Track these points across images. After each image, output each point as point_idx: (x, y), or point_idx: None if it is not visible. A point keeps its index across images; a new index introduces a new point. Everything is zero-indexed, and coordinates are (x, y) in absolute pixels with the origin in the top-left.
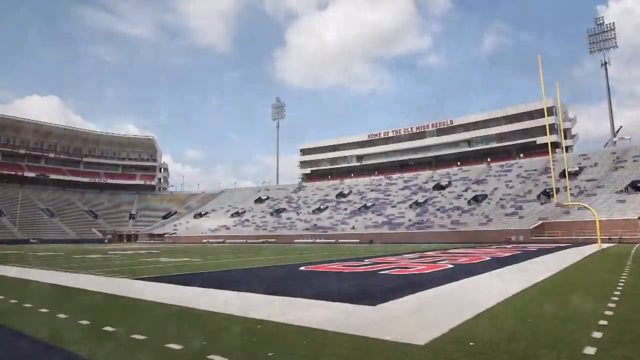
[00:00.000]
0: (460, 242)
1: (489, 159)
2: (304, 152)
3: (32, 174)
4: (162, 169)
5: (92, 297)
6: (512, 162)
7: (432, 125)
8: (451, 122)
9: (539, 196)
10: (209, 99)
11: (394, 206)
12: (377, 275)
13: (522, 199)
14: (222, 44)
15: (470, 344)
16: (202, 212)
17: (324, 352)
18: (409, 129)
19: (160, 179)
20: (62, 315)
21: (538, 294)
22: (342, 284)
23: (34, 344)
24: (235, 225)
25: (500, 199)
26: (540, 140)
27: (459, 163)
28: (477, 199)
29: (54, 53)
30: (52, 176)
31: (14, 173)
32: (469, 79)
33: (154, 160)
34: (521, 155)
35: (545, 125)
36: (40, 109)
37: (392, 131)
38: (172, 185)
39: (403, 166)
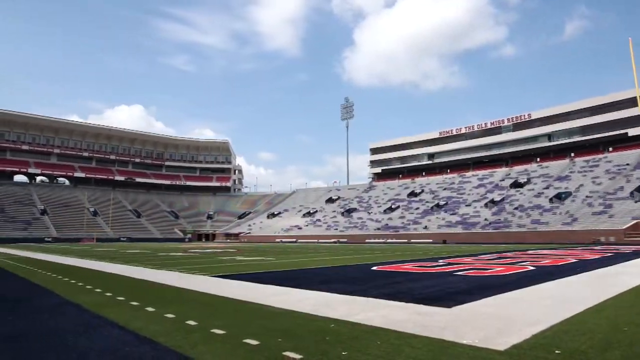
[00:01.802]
0: (542, 243)
1: (572, 154)
2: (374, 151)
3: (121, 178)
4: (236, 171)
5: (176, 293)
6: (600, 156)
7: (508, 120)
8: (529, 115)
9: (632, 193)
10: (279, 101)
11: (469, 205)
12: (453, 276)
13: (612, 197)
14: (290, 47)
15: (556, 351)
16: (275, 212)
17: (398, 354)
18: (483, 125)
19: (235, 181)
20: (150, 309)
21: (635, 300)
22: (415, 284)
23: (125, 334)
24: (307, 225)
25: (587, 196)
26: (632, 131)
27: (537, 159)
28: (559, 197)
29: (138, 65)
30: (138, 179)
31: (105, 177)
32: (548, 69)
33: (229, 163)
34: (610, 149)
35: (638, 115)
36: (127, 117)
37: (465, 127)
38: (246, 187)
39: (476, 163)
